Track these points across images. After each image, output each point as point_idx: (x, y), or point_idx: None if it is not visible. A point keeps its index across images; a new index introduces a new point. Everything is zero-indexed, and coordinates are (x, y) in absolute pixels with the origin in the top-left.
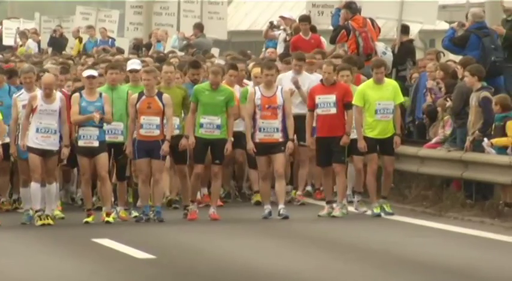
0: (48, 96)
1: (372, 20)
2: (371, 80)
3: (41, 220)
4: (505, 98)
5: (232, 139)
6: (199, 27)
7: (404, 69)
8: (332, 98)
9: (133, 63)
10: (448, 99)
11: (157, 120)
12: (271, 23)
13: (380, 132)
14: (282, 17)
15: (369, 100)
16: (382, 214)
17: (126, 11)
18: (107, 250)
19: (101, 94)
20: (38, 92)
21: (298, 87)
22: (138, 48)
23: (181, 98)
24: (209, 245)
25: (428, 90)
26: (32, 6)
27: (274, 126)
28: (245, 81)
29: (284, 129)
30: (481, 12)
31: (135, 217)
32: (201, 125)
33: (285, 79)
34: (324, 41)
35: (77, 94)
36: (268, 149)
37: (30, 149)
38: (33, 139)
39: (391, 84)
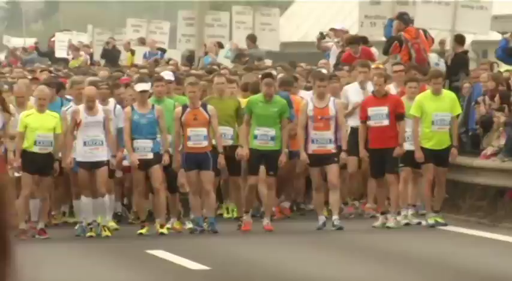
0: (90, 108)
1: (425, 31)
2: (428, 90)
3: (91, 231)
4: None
5: (287, 151)
6: (252, 39)
7: (458, 80)
8: (384, 110)
9: (167, 75)
10: (500, 113)
11: (204, 131)
12: (320, 33)
13: (436, 144)
14: (333, 29)
15: (426, 111)
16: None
17: (178, 22)
18: (161, 261)
19: (153, 106)
20: (80, 106)
21: (364, 87)
22: (191, 60)
23: (235, 108)
24: (263, 257)
25: (482, 101)
26: (84, 19)
27: (327, 138)
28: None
29: (337, 140)
30: None
31: (190, 229)
32: (255, 137)
33: (350, 91)
34: (376, 51)
35: (128, 109)
36: (321, 160)
37: (80, 164)
38: (82, 153)
39: (448, 95)
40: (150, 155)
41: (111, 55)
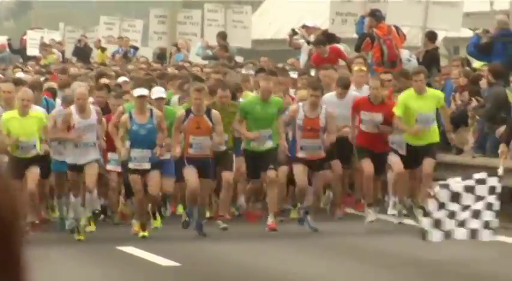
0: (82, 109)
1: (397, 28)
2: (412, 89)
3: (79, 234)
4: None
5: (285, 144)
6: (222, 36)
7: (429, 77)
8: (378, 117)
9: (159, 92)
10: (474, 99)
11: (207, 139)
12: (293, 30)
13: (419, 140)
14: (305, 26)
15: (410, 111)
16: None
17: (150, 20)
18: (131, 257)
19: (151, 112)
20: (72, 108)
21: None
22: (161, 58)
23: (234, 116)
24: (236, 254)
25: (453, 98)
26: (56, 17)
27: (317, 145)
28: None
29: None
30: (506, 19)
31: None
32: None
33: (326, 101)
34: (347, 48)
35: (126, 116)
36: (310, 165)
37: (70, 167)
38: (73, 156)
39: (433, 93)
40: (148, 165)
41: (82, 53)
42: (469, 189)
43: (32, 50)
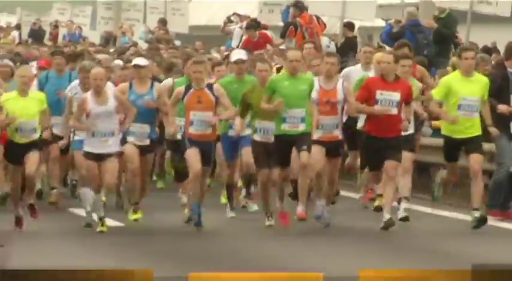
0: (98, 92)
1: (318, 17)
2: (458, 71)
3: (102, 226)
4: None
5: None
6: (162, 22)
7: (346, 61)
8: (396, 96)
9: (240, 54)
10: None
11: (209, 115)
12: (228, 18)
13: (462, 131)
14: (237, 14)
15: (454, 94)
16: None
17: (98, 6)
18: (81, 218)
19: (152, 85)
20: (88, 94)
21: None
22: (108, 40)
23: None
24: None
25: None
26: (14, 3)
27: (334, 123)
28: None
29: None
30: (416, 11)
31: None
32: (284, 120)
33: (353, 74)
34: (273, 35)
35: (126, 84)
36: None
37: (87, 155)
38: (91, 143)
39: (481, 79)
40: (147, 142)
41: (37, 34)
42: None
43: None
